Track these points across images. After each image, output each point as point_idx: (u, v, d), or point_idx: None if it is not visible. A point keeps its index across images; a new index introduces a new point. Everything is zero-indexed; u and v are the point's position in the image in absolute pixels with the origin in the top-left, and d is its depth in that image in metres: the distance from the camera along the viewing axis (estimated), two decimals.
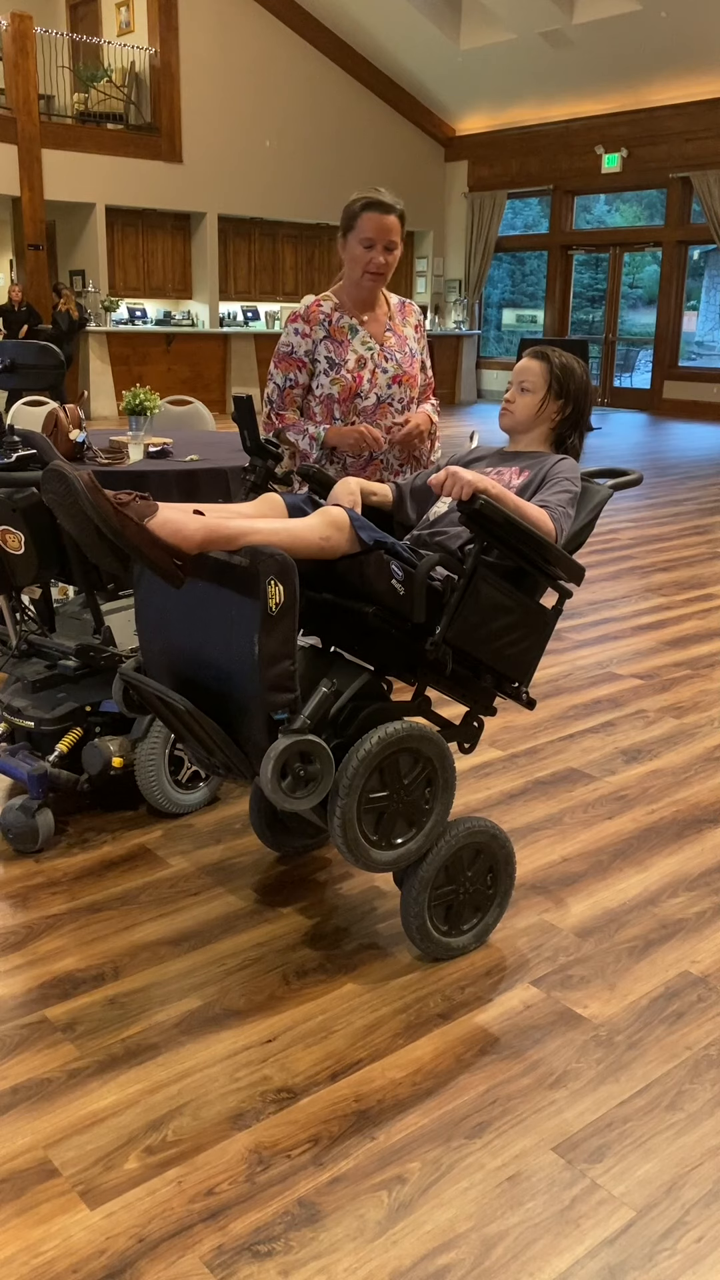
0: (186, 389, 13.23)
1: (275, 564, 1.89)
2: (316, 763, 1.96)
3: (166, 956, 2.32)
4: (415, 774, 2.14)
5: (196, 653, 2.12)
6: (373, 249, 2.74)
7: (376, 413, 2.86)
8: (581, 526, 2.38)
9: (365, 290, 2.82)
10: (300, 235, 14.80)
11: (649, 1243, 1.64)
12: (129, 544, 1.88)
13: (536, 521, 2.18)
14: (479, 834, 2.29)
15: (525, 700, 2.36)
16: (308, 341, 2.83)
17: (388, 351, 2.87)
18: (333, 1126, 1.86)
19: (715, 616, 4.97)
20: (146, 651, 2.27)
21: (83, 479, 1.88)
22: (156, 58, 13.06)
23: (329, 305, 2.86)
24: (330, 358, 2.82)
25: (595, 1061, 2.02)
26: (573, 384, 2.41)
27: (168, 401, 5.63)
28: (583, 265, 15.80)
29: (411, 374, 2.90)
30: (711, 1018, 2.15)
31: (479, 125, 15.32)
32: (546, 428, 2.44)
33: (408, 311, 2.96)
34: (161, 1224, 1.66)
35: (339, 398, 2.82)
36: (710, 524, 7.18)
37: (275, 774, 1.92)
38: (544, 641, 2.31)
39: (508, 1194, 1.72)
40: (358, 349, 2.83)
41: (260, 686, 1.94)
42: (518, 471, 2.38)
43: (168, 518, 1.91)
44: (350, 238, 2.76)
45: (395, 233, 2.75)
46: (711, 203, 12.83)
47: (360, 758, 2.02)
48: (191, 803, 2.93)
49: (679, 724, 3.65)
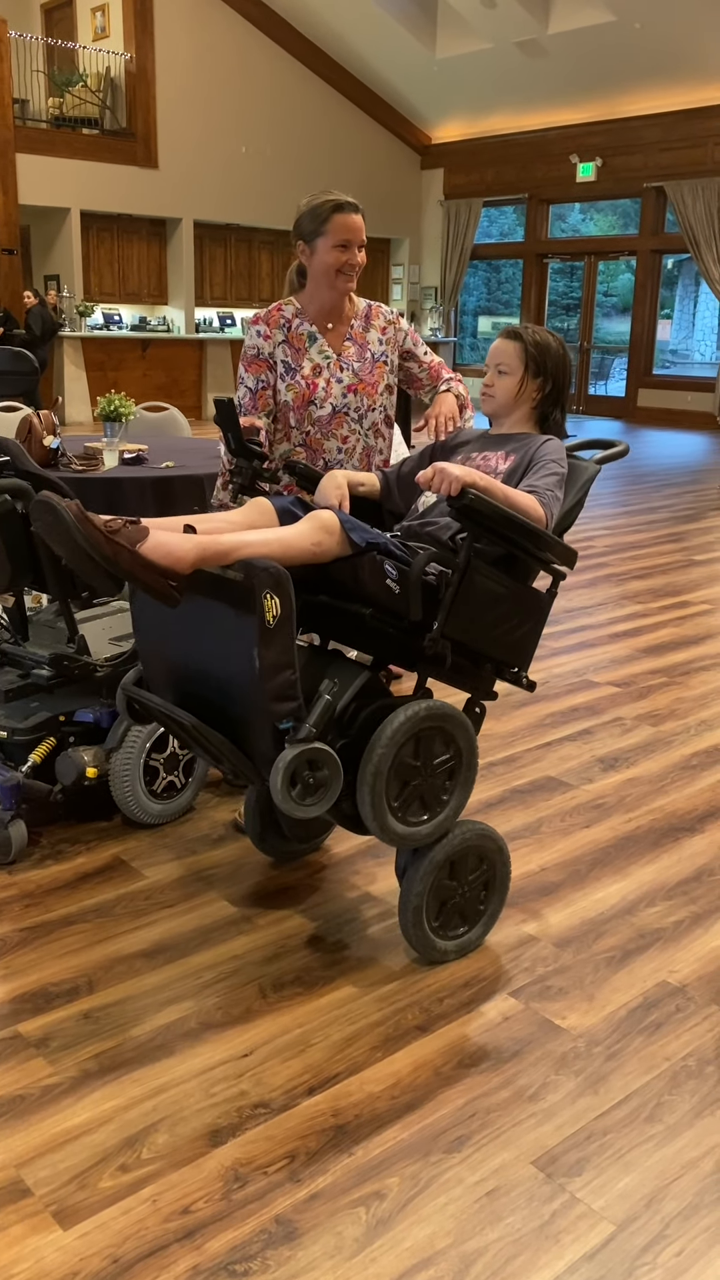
0: (162, 395, 13.18)
1: (270, 577, 1.90)
2: (325, 769, 1.98)
3: (142, 970, 2.29)
4: (444, 759, 2.19)
5: (197, 666, 2.13)
6: (348, 250, 2.72)
7: (332, 422, 2.82)
8: (571, 506, 2.39)
9: (339, 294, 2.79)
10: (276, 241, 14.79)
11: (629, 1257, 1.63)
12: (123, 571, 1.88)
13: (526, 509, 2.19)
14: (489, 841, 2.32)
15: (526, 684, 2.38)
16: (269, 344, 2.81)
17: (344, 361, 2.82)
18: (310, 1142, 1.83)
19: (691, 624, 4.99)
20: (146, 664, 2.27)
21: (71, 510, 1.86)
22: (132, 63, 13.03)
23: (290, 310, 2.83)
24: (287, 362, 2.80)
25: (574, 1074, 2.01)
26: (549, 360, 2.40)
27: (143, 408, 5.60)
28: (558, 273, 15.88)
29: (370, 383, 2.85)
30: (690, 1028, 2.15)
31: (455, 133, 15.37)
32: (528, 408, 2.44)
33: (374, 315, 2.90)
34: (136, 1244, 1.63)
35: (294, 404, 2.80)
36: (685, 531, 7.22)
37: (285, 784, 1.94)
38: (541, 625, 2.33)
39: (487, 1209, 1.71)
40: (314, 357, 2.80)
41: (264, 698, 1.95)
42: (504, 456, 2.38)
43: (159, 541, 1.90)
44: (319, 243, 2.72)
45: (363, 230, 2.75)
46: (685, 212, 12.93)
47: (409, 715, 2.08)
48: (167, 813, 2.90)
49: (656, 731, 3.66)
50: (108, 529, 1.87)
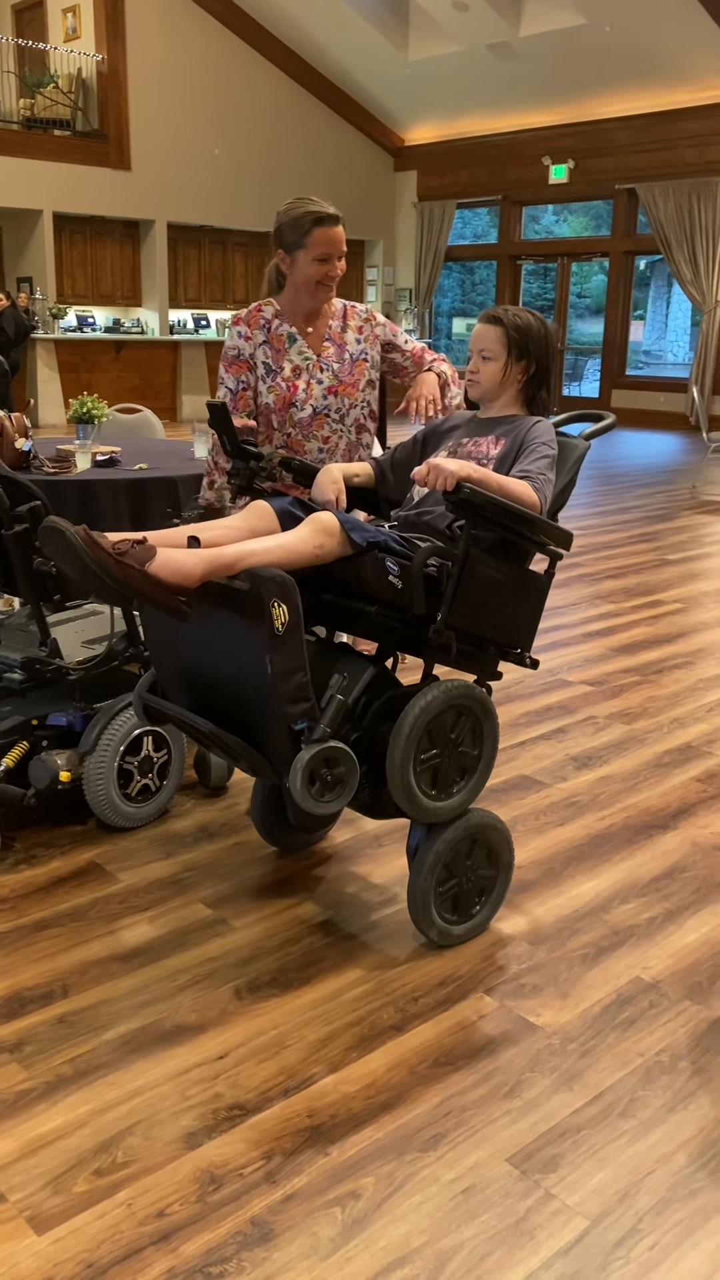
0: (136, 397, 13.14)
1: (276, 586, 1.95)
2: (341, 766, 2.04)
3: (117, 973, 2.29)
4: (466, 735, 2.28)
5: (209, 672, 2.18)
6: (328, 262, 2.74)
7: (313, 424, 2.84)
8: (564, 485, 2.41)
9: (318, 302, 2.81)
10: (250, 243, 14.77)
11: (603, 1252, 1.64)
12: (133, 591, 1.94)
13: (520, 496, 2.22)
14: (492, 826, 2.39)
15: (529, 663, 2.43)
16: (249, 345, 2.82)
17: (324, 362, 2.84)
18: (286, 1143, 1.84)
19: (664, 623, 5.03)
20: (159, 670, 2.34)
21: (80, 535, 1.91)
22: (104, 64, 12.98)
23: (270, 311, 2.84)
24: (268, 363, 2.81)
25: (549, 1071, 2.02)
26: (531, 342, 2.42)
27: (116, 410, 5.58)
28: (531, 275, 15.95)
29: (350, 383, 2.88)
30: (664, 1023, 2.16)
31: (428, 135, 15.41)
32: (514, 390, 2.46)
33: (350, 315, 2.92)
34: (111, 1248, 1.63)
35: (275, 407, 2.80)
36: (658, 531, 7.26)
37: (305, 784, 2.00)
38: (541, 606, 2.39)
39: (462, 1207, 1.71)
40: (294, 359, 2.82)
41: (278, 701, 2.01)
42: (494, 440, 2.40)
43: (167, 558, 1.96)
44: (300, 255, 2.73)
45: (344, 241, 2.76)
46: (657, 214, 13.01)
47: (429, 700, 2.15)
48: (141, 816, 2.89)
49: (629, 730, 3.68)
50: (116, 551, 1.92)
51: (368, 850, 2.83)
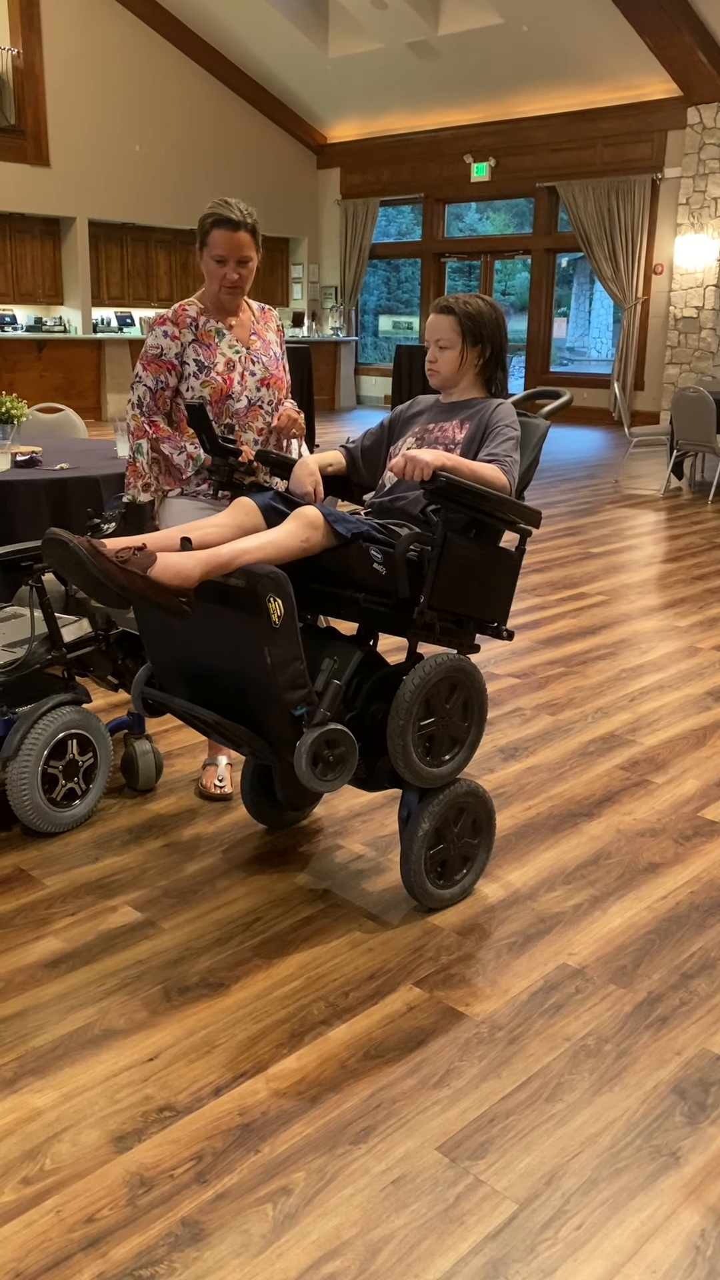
0: (60, 396, 12.94)
1: (271, 582, 2.08)
2: (341, 746, 2.19)
3: (43, 979, 2.26)
4: (457, 705, 2.41)
5: (208, 664, 2.30)
6: (225, 265, 2.76)
7: (248, 415, 2.88)
8: (529, 464, 2.56)
9: (224, 302, 2.86)
10: (174, 241, 14.64)
11: (531, 1234, 1.66)
12: (137, 595, 2.06)
13: (491, 480, 2.36)
14: (474, 794, 2.51)
15: (506, 635, 2.56)
16: (176, 344, 2.82)
17: (254, 355, 2.90)
18: (216, 1142, 1.83)
19: (588, 615, 5.11)
20: (156, 664, 2.47)
21: (83, 546, 2.02)
22: (19, 58, 12.76)
23: (194, 309, 2.87)
24: (199, 360, 2.82)
25: (477, 1059, 2.05)
26: (484, 327, 2.54)
27: (37, 409, 5.50)
28: (456, 272, 16.04)
29: (278, 376, 2.95)
30: (589, 1007, 2.20)
31: (350, 133, 15.41)
32: (472, 375, 2.58)
33: (268, 316, 3.00)
34: (39, 1256, 1.61)
35: (211, 399, 2.81)
36: (582, 525, 7.37)
37: (309, 765, 2.14)
38: (514, 581, 2.53)
39: (392, 1197, 1.73)
40: (226, 352, 2.85)
41: (277, 689, 2.14)
42: (459, 424, 2.52)
43: (168, 563, 2.08)
44: (204, 252, 2.78)
45: (246, 248, 2.75)
46: (577, 212, 13.18)
47: (424, 675, 2.29)
48: (67, 820, 2.86)
49: (554, 720, 3.73)
50: (119, 559, 2.03)
51: (299, 849, 2.83)
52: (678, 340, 12.38)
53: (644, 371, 13.04)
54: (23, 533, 3.65)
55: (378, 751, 2.41)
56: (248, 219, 2.73)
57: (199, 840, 2.85)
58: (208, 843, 2.84)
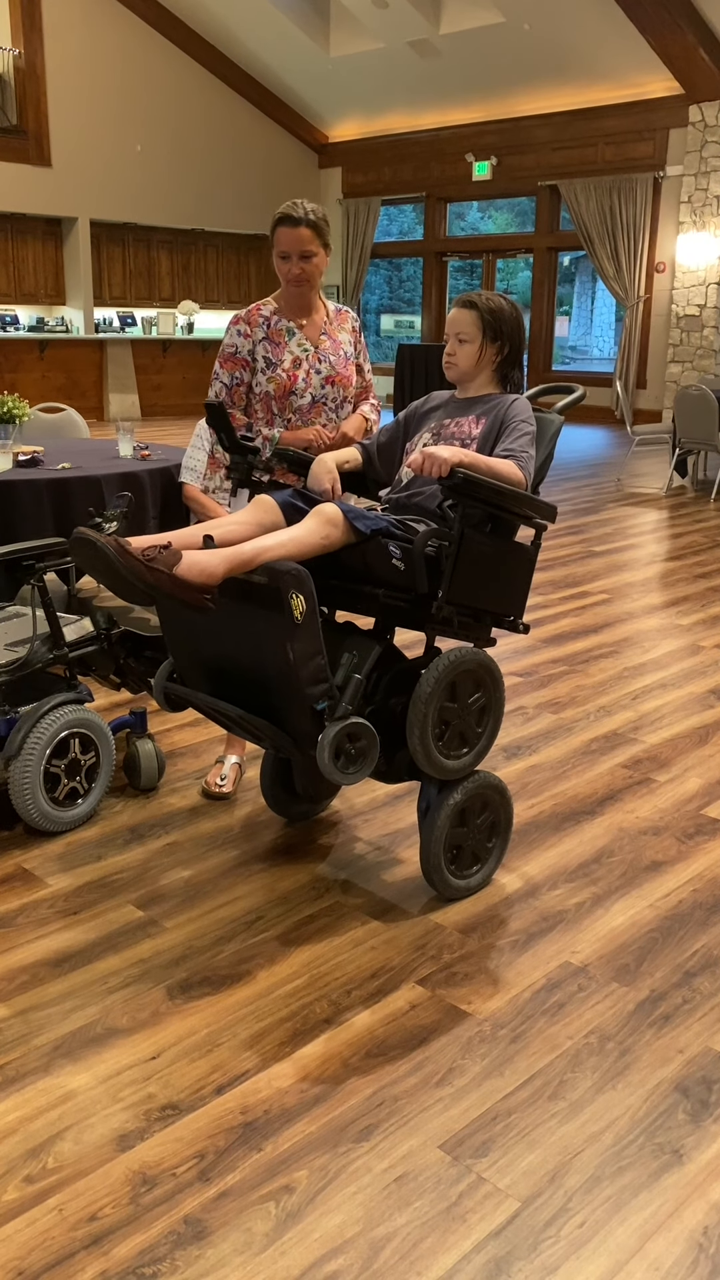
0: (62, 396, 12.95)
1: (293, 579, 2.10)
2: (363, 739, 2.21)
3: (46, 979, 2.26)
4: (475, 698, 2.44)
5: (231, 660, 2.33)
6: (289, 260, 2.87)
7: (311, 411, 2.98)
8: (543, 460, 2.58)
9: (294, 297, 2.95)
10: (175, 241, 14.65)
11: (533, 1232, 1.66)
12: (163, 593, 2.09)
13: (508, 475, 2.39)
14: (493, 787, 2.55)
15: (522, 628, 2.59)
16: (249, 342, 2.95)
17: (322, 354, 2.98)
18: (219, 1140, 1.83)
19: (590, 613, 5.10)
20: (177, 660, 2.50)
21: (111, 545, 2.05)
22: (21, 59, 12.76)
23: (269, 309, 2.99)
24: (268, 357, 2.94)
25: (480, 1057, 2.04)
26: (504, 324, 2.58)
27: (39, 409, 5.51)
28: (458, 271, 16.04)
29: (345, 375, 3.02)
30: (591, 1006, 2.20)
31: (351, 132, 15.41)
32: (489, 370, 2.62)
33: (343, 318, 3.08)
34: (42, 1254, 1.61)
35: (275, 395, 2.93)
36: (584, 524, 7.37)
37: (331, 758, 2.16)
38: (530, 575, 2.55)
39: (395, 1195, 1.73)
40: (293, 350, 2.95)
41: (299, 684, 2.16)
42: (475, 420, 2.55)
43: (193, 561, 2.11)
44: (274, 253, 2.90)
45: (307, 242, 2.85)
46: (578, 210, 13.17)
47: (443, 669, 2.32)
48: (69, 820, 2.86)
49: (557, 719, 3.73)
50: (145, 558, 2.06)
51: (302, 846, 2.83)
52: (680, 338, 12.37)
53: (646, 370, 13.03)
54: (25, 532, 3.65)
55: (397, 744, 2.44)
56: (309, 215, 2.83)
57: (201, 839, 2.86)
58: (210, 841, 2.84)
